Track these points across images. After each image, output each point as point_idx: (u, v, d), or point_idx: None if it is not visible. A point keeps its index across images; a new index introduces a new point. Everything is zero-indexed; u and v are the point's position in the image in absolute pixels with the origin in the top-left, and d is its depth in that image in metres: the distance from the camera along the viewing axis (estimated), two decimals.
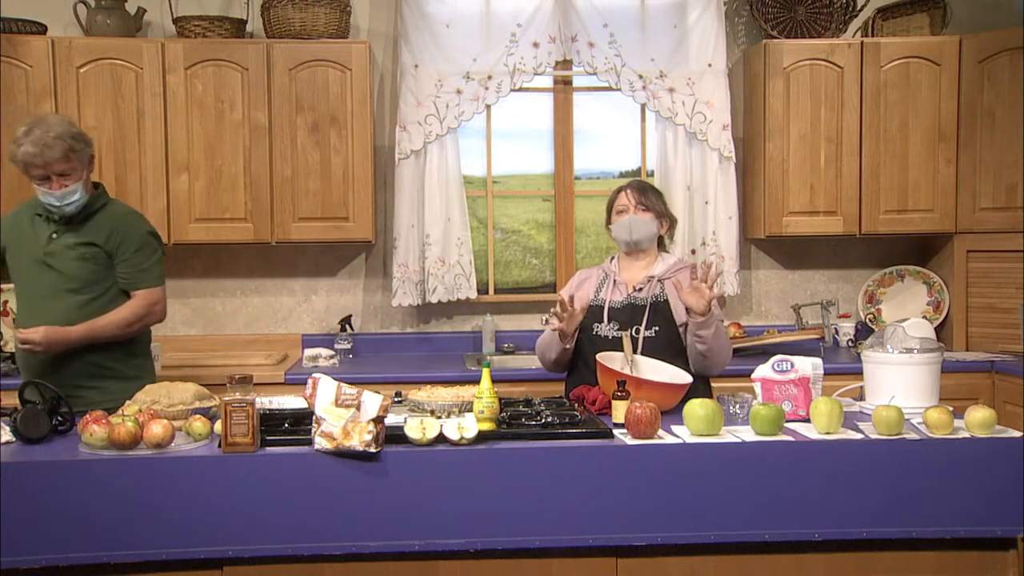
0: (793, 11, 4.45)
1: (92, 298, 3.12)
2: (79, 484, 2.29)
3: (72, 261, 3.11)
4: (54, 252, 3.11)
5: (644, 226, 3.13)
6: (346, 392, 2.41)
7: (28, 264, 3.13)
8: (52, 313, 3.07)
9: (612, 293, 3.12)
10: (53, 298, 3.10)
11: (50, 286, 3.10)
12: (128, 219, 3.22)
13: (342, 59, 4.19)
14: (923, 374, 2.74)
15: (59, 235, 3.12)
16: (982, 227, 4.36)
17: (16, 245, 3.17)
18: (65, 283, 3.10)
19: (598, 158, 4.80)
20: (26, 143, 2.98)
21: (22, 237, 3.15)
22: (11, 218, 3.22)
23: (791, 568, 2.47)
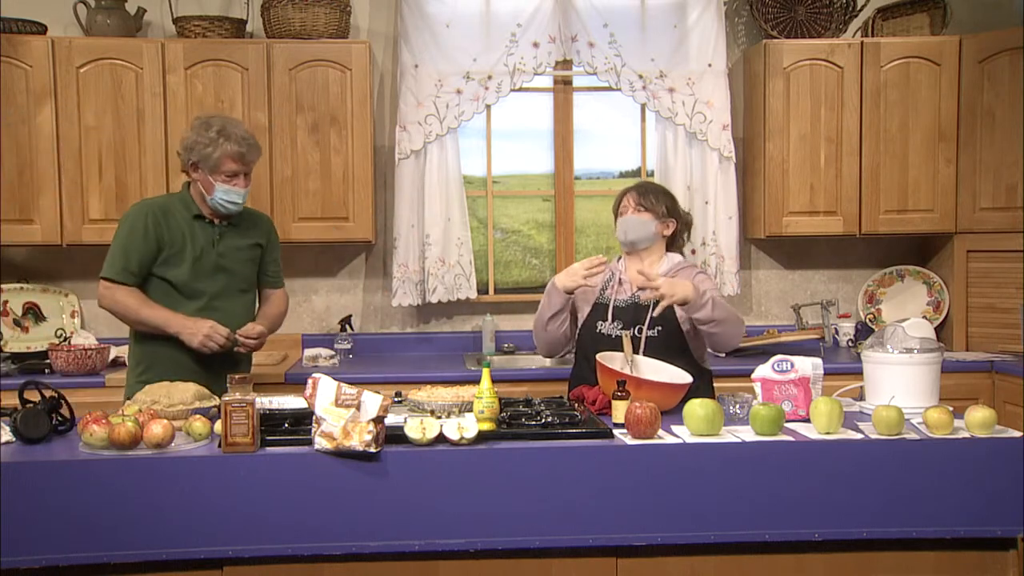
0: (793, 11, 4.46)
1: (254, 298, 3.38)
2: (79, 484, 2.29)
3: (244, 263, 3.28)
4: (225, 253, 3.22)
5: (639, 226, 3.13)
6: (346, 392, 2.41)
7: (200, 266, 3.18)
8: (230, 314, 3.19)
9: (617, 292, 3.14)
10: (228, 298, 3.22)
11: (223, 287, 3.21)
12: (270, 221, 3.46)
13: (342, 59, 4.19)
14: (923, 374, 2.74)
15: (223, 237, 3.22)
16: (982, 227, 4.36)
17: (183, 248, 3.17)
18: (238, 284, 3.26)
19: (598, 158, 4.80)
20: (229, 140, 3.10)
21: (187, 239, 3.17)
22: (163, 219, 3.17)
23: (791, 568, 2.47)
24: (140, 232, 3.15)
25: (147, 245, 3.14)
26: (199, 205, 3.21)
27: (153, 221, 3.15)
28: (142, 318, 3.14)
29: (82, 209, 4.12)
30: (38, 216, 4.10)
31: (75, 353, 3.90)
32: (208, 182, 3.14)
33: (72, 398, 2.72)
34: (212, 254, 3.19)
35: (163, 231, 3.16)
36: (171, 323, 3.11)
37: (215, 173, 3.13)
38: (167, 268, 3.16)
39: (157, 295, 3.17)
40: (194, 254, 3.17)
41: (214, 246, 3.20)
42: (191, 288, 3.17)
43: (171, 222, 3.18)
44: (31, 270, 4.44)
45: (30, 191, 4.09)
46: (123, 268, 3.14)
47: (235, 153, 3.12)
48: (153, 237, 3.15)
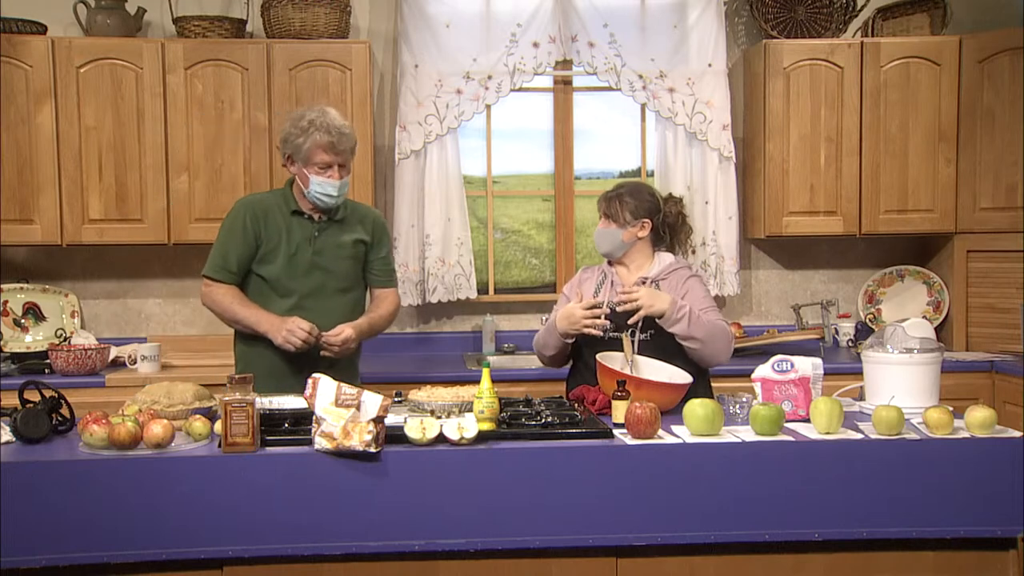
0: (793, 11, 4.46)
1: (358, 297, 3.26)
2: (79, 484, 2.29)
3: (343, 260, 3.18)
4: (322, 251, 3.14)
5: (606, 238, 3.13)
6: (346, 392, 2.41)
7: (295, 263, 3.12)
8: (324, 314, 3.10)
9: (610, 294, 3.12)
10: (323, 298, 3.14)
11: (318, 286, 3.13)
12: (380, 217, 3.34)
13: (342, 59, 4.19)
14: (923, 374, 2.74)
15: (321, 233, 3.15)
16: (982, 227, 4.36)
17: (278, 244, 3.12)
18: (336, 282, 3.17)
19: (598, 158, 4.80)
20: (319, 129, 3.02)
21: (284, 236, 3.12)
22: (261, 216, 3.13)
23: (791, 568, 2.47)
24: (239, 230, 3.11)
25: (245, 243, 3.11)
26: (299, 201, 3.16)
27: (252, 218, 3.11)
28: (237, 317, 3.10)
29: (82, 209, 4.12)
30: (38, 216, 4.10)
31: (75, 353, 3.90)
32: (303, 175, 3.09)
33: (72, 398, 2.72)
34: (308, 251, 3.12)
35: (260, 228, 3.11)
36: (262, 323, 3.05)
37: (308, 165, 3.06)
38: (262, 265, 3.12)
39: (252, 292, 3.14)
40: (289, 251, 3.11)
41: (311, 243, 3.13)
42: (284, 286, 3.12)
43: (269, 219, 3.13)
44: (31, 270, 4.44)
45: (30, 191, 4.09)
46: (221, 267, 3.12)
47: (326, 143, 3.04)
48: (251, 234, 3.11)
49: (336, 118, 3.09)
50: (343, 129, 3.08)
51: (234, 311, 3.10)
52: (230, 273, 3.12)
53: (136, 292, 4.51)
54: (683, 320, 2.90)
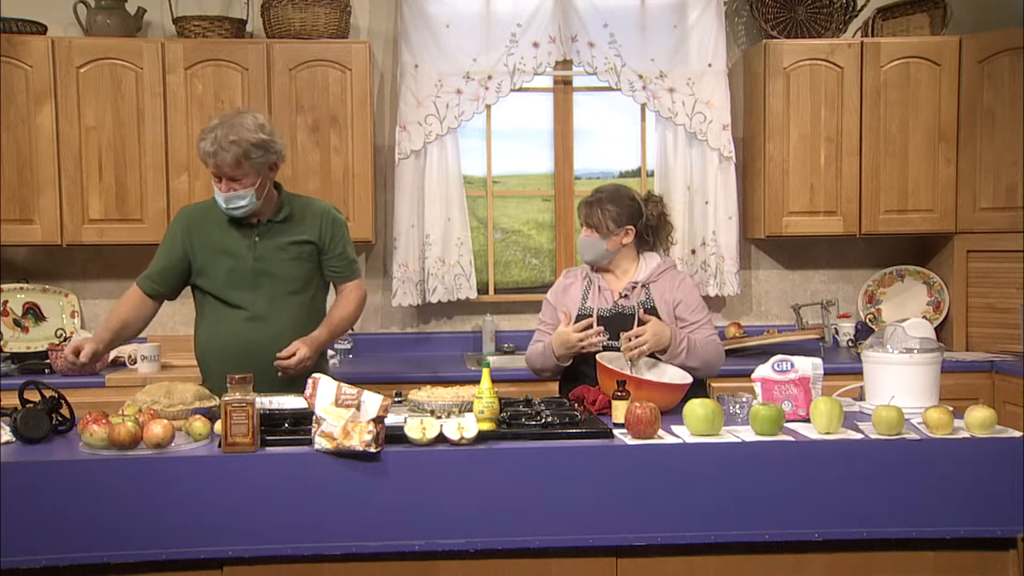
0: (793, 11, 4.45)
1: (312, 298, 3.14)
2: (79, 484, 2.29)
3: (290, 263, 3.06)
4: (264, 256, 3.04)
5: (589, 247, 3.10)
6: (346, 392, 2.41)
7: (237, 274, 3.03)
8: (278, 322, 3.02)
9: (599, 301, 3.09)
10: (274, 305, 3.04)
11: (267, 294, 3.04)
12: (330, 211, 3.18)
13: (342, 59, 4.19)
14: (923, 374, 2.74)
15: (262, 238, 3.05)
16: (982, 227, 4.36)
17: (216, 256, 3.04)
18: (285, 287, 3.06)
19: (598, 158, 4.80)
20: (207, 139, 2.92)
21: (221, 247, 3.04)
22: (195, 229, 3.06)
23: (791, 568, 2.47)
24: (168, 241, 3.09)
25: (171, 255, 3.07)
26: None
27: (183, 231, 3.07)
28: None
29: (82, 209, 4.12)
30: (38, 216, 4.10)
31: None
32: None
33: (72, 398, 2.72)
34: (249, 259, 3.03)
35: (193, 241, 3.05)
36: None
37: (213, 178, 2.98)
38: (204, 279, 3.06)
39: (205, 309, 3.09)
40: (230, 262, 3.03)
41: (251, 250, 3.03)
42: (231, 298, 3.04)
43: (203, 231, 3.05)
44: (31, 270, 4.44)
45: (30, 191, 4.09)
46: (145, 275, 3.10)
47: (203, 152, 2.93)
48: (180, 248, 3.06)
49: (236, 130, 2.91)
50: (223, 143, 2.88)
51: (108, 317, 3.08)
52: (150, 281, 3.08)
53: None
54: (682, 353, 2.94)
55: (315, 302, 3.16)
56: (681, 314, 3.04)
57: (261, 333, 3.01)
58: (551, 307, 3.18)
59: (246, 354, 2.95)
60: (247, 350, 2.97)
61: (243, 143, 2.91)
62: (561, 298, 3.16)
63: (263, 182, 3.00)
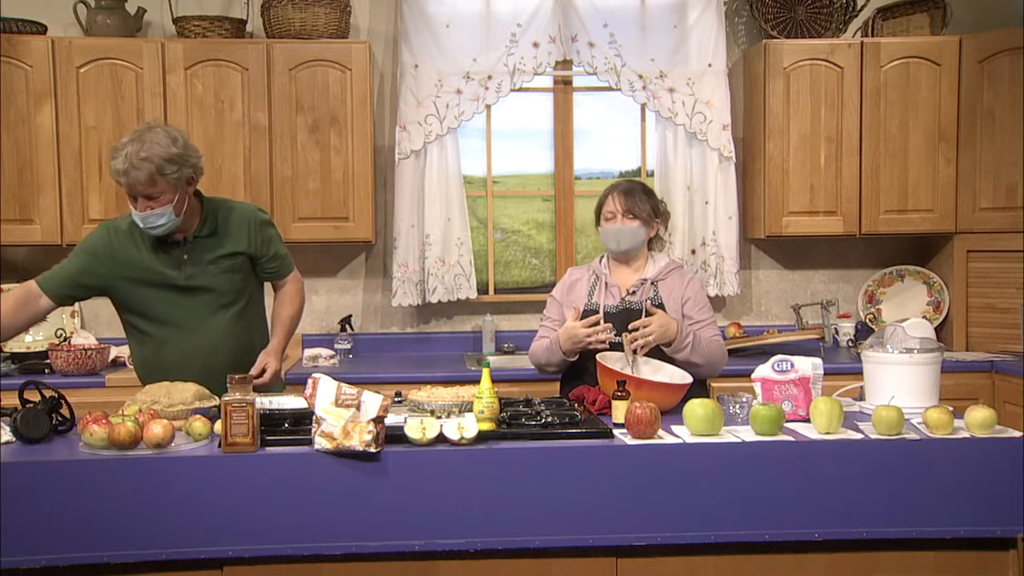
0: (793, 11, 4.46)
1: (246, 306, 3.06)
2: (79, 484, 2.29)
3: (221, 276, 2.98)
4: (195, 274, 2.95)
5: (631, 235, 3.09)
6: (346, 392, 2.41)
7: (167, 293, 2.94)
8: (213, 335, 2.97)
9: (605, 297, 3.10)
10: (209, 318, 2.98)
11: (200, 308, 2.96)
12: (255, 214, 3.08)
13: (342, 59, 4.19)
14: (923, 374, 2.74)
15: (191, 254, 2.95)
16: (982, 227, 4.36)
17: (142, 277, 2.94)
18: (219, 300, 2.99)
19: (598, 158, 4.80)
20: (118, 158, 2.78)
21: (146, 267, 2.93)
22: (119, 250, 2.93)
23: (791, 568, 2.47)
24: (84, 253, 2.95)
25: (83, 266, 2.93)
26: None
27: (106, 256, 2.93)
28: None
29: (82, 209, 4.12)
30: (38, 216, 4.11)
31: (75, 353, 3.90)
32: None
33: (72, 398, 2.72)
34: (179, 278, 2.94)
35: (114, 268, 2.93)
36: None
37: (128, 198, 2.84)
38: (132, 299, 2.96)
39: (136, 332, 3.00)
40: (157, 282, 2.93)
41: (181, 268, 2.94)
42: (163, 316, 2.96)
43: (128, 251, 2.93)
44: (31, 270, 4.43)
45: (30, 191, 4.09)
46: (48, 275, 2.94)
47: (115, 171, 2.79)
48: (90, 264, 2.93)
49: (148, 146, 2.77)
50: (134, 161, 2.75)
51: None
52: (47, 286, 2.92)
53: None
54: (687, 348, 2.94)
55: (250, 307, 3.10)
56: (688, 311, 3.06)
57: (200, 347, 2.97)
58: (556, 303, 3.19)
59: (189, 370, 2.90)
60: (190, 366, 2.92)
61: (155, 159, 2.77)
62: (567, 295, 3.16)
63: (181, 197, 2.86)
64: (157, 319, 2.98)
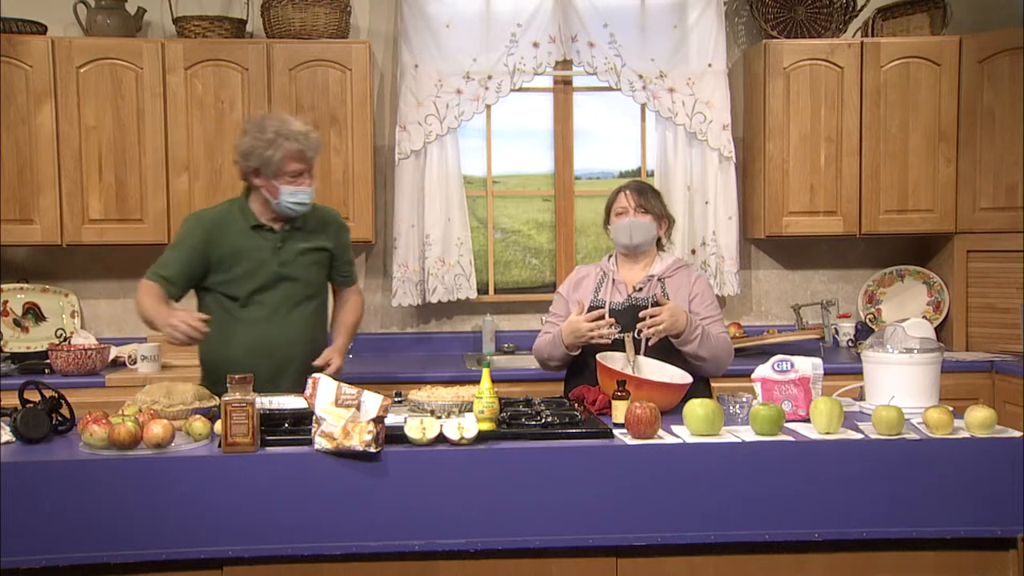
0: (793, 11, 4.46)
1: (323, 302, 3.23)
2: (79, 484, 2.29)
3: (309, 268, 3.14)
4: (288, 261, 3.09)
5: (643, 229, 3.11)
6: (346, 392, 2.41)
7: (259, 278, 3.06)
8: (295, 324, 3.10)
9: (612, 294, 3.11)
10: (293, 308, 3.10)
11: (286, 296, 3.09)
12: (338, 216, 3.32)
13: (342, 59, 4.19)
14: (923, 374, 2.74)
15: (285, 243, 3.09)
16: (982, 227, 4.36)
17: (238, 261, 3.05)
18: (303, 291, 3.13)
19: (598, 158, 4.80)
20: (287, 138, 2.97)
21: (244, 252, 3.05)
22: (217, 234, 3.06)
23: (791, 568, 2.47)
24: (187, 247, 3.06)
25: (191, 261, 3.05)
26: (260, 212, 3.09)
27: (204, 236, 3.05)
28: (142, 312, 3.00)
29: (82, 209, 4.12)
30: (38, 216, 4.10)
31: (75, 353, 3.90)
32: (272, 187, 3.02)
33: (72, 398, 2.72)
34: (273, 264, 3.07)
35: (215, 246, 3.05)
36: (157, 318, 2.92)
37: (278, 176, 3.00)
38: (224, 283, 3.07)
39: (216, 310, 3.06)
40: (252, 266, 3.05)
41: (275, 254, 3.08)
42: (250, 301, 3.07)
43: (225, 236, 3.06)
44: (31, 270, 4.44)
45: (30, 191, 4.09)
46: (160, 273, 3.05)
47: (296, 151, 2.99)
48: (200, 253, 3.05)
49: (299, 124, 3.05)
50: (309, 134, 3.04)
51: (142, 305, 2.98)
52: (168, 283, 3.04)
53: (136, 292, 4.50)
54: (696, 340, 2.94)
55: (322, 307, 3.25)
56: (695, 308, 3.07)
57: (278, 335, 3.07)
58: (563, 300, 3.20)
59: (263, 355, 3.01)
60: (265, 351, 3.03)
61: (316, 133, 3.07)
62: (574, 291, 3.17)
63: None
64: (244, 302, 3.07)
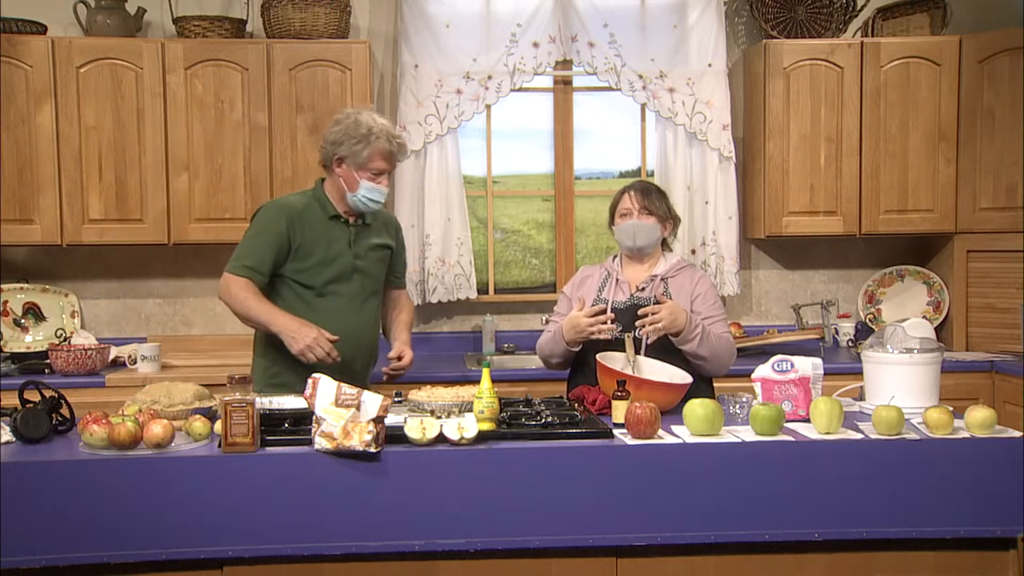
0: (793, 11, 4.45)
1: (380, 300, 3.30)
2: (79, 484, 2.29)
3: (376, 263, 3.21)
4: (361, 255, 3.15)
5: (648, 232, 3.11)
6: (346, 392, 2.41)
7: (336, 269, 3.10)
8: (364, 318, 3.17)
9: (615, 293, 3.11)
10: (362, 302, 3.17)
11: (358, 290, 3.15)
12: (396, 219, 3.40)
13: (342, 59, 4.19)
14: (923, 374, 2.74)
15: (357, 236, 3.16)
16: (982, 227, 4.36)
17: (316, 250, 3.08)
18: (371, 286, 3.20)
19: (598, 158, 4.80)
20: (380, 137, 3.04)
21: (323, 241, 3.09)
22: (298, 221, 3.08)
23: (791, 568, 2.47)
24: (271, 234, 3.05)
25: (277, 247, 3.05)
26: (336, 204, 3.13)
27: (287, 223, 3.06)
28: (249, 312, 3.01)
29: (82, 209, 4.12)
30: (38, 216, 4.10)
31: (75, 353, 3.90)
32: (353, 178, 3.06)
33: (72, 398, 2.72)
34: (349, 255, 3.12)
35: (296, 233, 3.06)
36: (275, 321, 2.98)
37: (362, 170, 3.05)
38: (301, 271, 3.08)
39: (290, 298, 3.08)
40: (330, 256, 3.09)
41: (350, 247, 3.13)
42: (326, 291, 3.10)
43: (306, 223, 3.08)
44: (31, 270, 4.44)
45: (30, 191, 4.09)
46: (246, 265, 3.04)
47: (386, 151, 3.06)
48: (285, 239, 3.05)
49: (391, 125, 3.12)
50: (400, 139, 3.12)
51: (248, 305, 3.01)
52: (257, 274, 3.04)
53: (136, 292, 4.51)
54: (695, 339, 2.94)
55: (379, 304, 3.31)
56: (697, 308, 3.07)
57: (355, 325, 3.13)
58: (566, 299, 3.22)
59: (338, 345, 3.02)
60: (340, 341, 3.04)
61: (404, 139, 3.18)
62: (577, 290, 3.18)
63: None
64: (320, 290, 3.10)
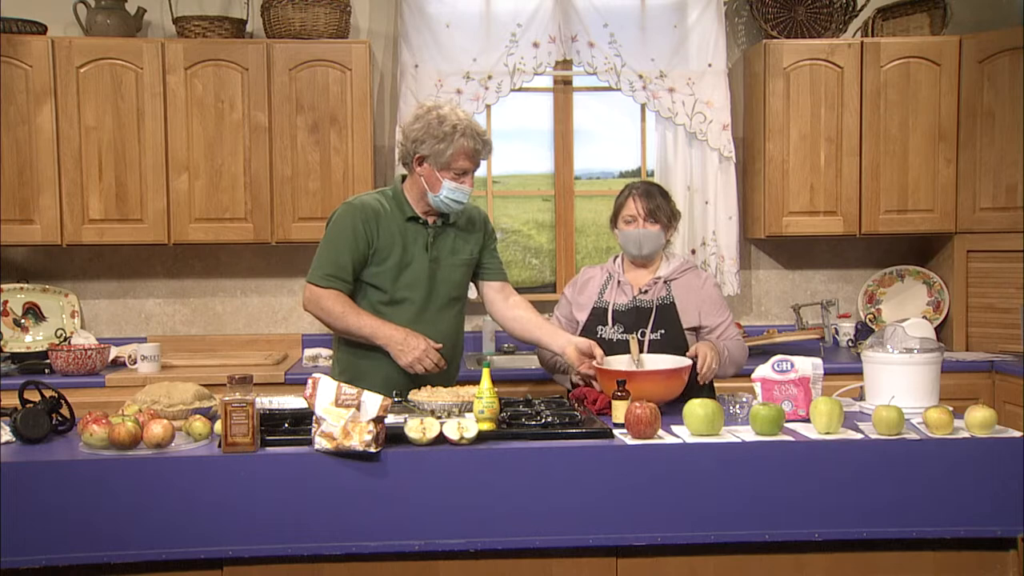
0: (793, 11, 4.45)
1: (463, 306, 3.17)
2: (79, 484, 2.29)
3: (457, 268, 3.07)
4: (439, 259, 3.02)
5: (653, 240, 3.10)
6: (346, 392, 2.41)
7: (411, 272, 2.99)
8: (439, 325, 3.03)
9: (616, 295, 3.11)
10: (438, 308, 3.04)
11: (434, 295, 3.02)
12: (483, 212, 3.21)
13: (342, 59, 4.19)
14: (923, 374, 2.74)
15: (436, 239, 3.02)
16: (982, 227, 4.36)
17: (392, 252, 2.97)
18: (450, 292, 3.06)
19: (598, 158, 4.80)
20: (465, 136, 2.89)
21: (398, 243, 2.98)
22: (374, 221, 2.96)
23: (791, 568, 2.47)
24: (349, 235, 2.94)
25: (357, 249, 2.94)
26: (414, 204, 3.00)
27: (364, 223, 2.94)
28: (348, 327, 2.93)
29: (82, 209, 4.12)
30: (38, 216, 4.11)
31: (75, 353, 3.90)
32: (435, 178, 2.92)
33: (72, 398, 2.72)
34: (425, 259, 2.99)
35: (373, 234, 2.95)
36: (379, 334, 2.90)
37: (445, 170, 2.91)
38: (375, 274, 2.98)
39: (362, 303, 2.99)
40: (405, 259, 2.97)
41: (427, 250, 2.99)
42: (400, 296, 2.98)
43: (382, 224, 2.96)
44: (31, 270, 4.44)
45: (30, 191, 4.09)
46: (329, 274, 2.95)
47: (471, 150, 2.90)
48: (363, 241, 2.94)
49: (474, 121, 2.97)
50: (486, 137, 2.97)
51: (347, 320, 2.93)
52: (339, 280, 2.95)
53: (136, 292, 4.51)
54: (724, 363, 2.98)
55: (463, 310, 3.18)
56: (706, 321, 3.07)
57: (429, 332, 2.98)
58: (567, 302, 3.22)
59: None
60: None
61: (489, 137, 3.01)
62: (579, 293, 3.17)
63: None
64: (393, 295, 2.99)
